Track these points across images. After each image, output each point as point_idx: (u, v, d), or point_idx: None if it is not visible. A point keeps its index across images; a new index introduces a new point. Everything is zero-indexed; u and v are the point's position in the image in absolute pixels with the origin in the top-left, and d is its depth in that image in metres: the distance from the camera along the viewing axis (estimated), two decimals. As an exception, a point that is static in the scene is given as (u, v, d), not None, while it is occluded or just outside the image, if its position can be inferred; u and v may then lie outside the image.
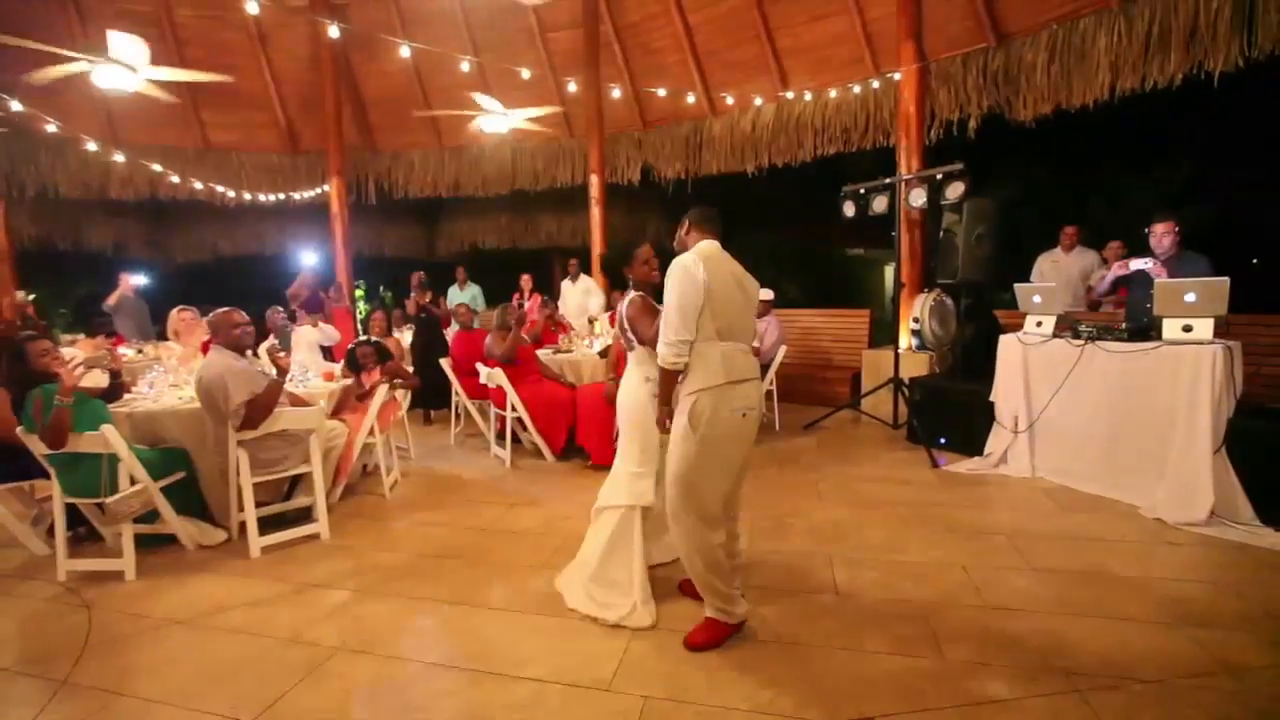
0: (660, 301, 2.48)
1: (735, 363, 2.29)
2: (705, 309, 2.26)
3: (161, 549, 3.39)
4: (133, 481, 3.08)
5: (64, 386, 2.92)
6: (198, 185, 9.00)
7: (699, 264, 2.26)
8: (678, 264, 2.29)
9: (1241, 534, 3.21)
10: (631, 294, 2.75)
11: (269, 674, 2.30)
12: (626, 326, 2.72)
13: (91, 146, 7.76)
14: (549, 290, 8.50)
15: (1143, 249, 4.24)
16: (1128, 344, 3.79)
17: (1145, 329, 3.81)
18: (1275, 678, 2.14)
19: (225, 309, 3.54)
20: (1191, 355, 3.47)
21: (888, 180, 5.65)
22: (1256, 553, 3.05)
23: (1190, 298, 3.57)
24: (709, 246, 2.40)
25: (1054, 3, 6.02)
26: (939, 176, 5.16)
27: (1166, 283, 3.70)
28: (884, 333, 6.53)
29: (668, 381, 2.36)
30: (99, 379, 3.47)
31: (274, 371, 3.46)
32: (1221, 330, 3.55)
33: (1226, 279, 3.48)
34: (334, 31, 5.91)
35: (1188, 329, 3.57)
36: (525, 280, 8.11)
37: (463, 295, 8.37)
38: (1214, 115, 6.98)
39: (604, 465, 4.65)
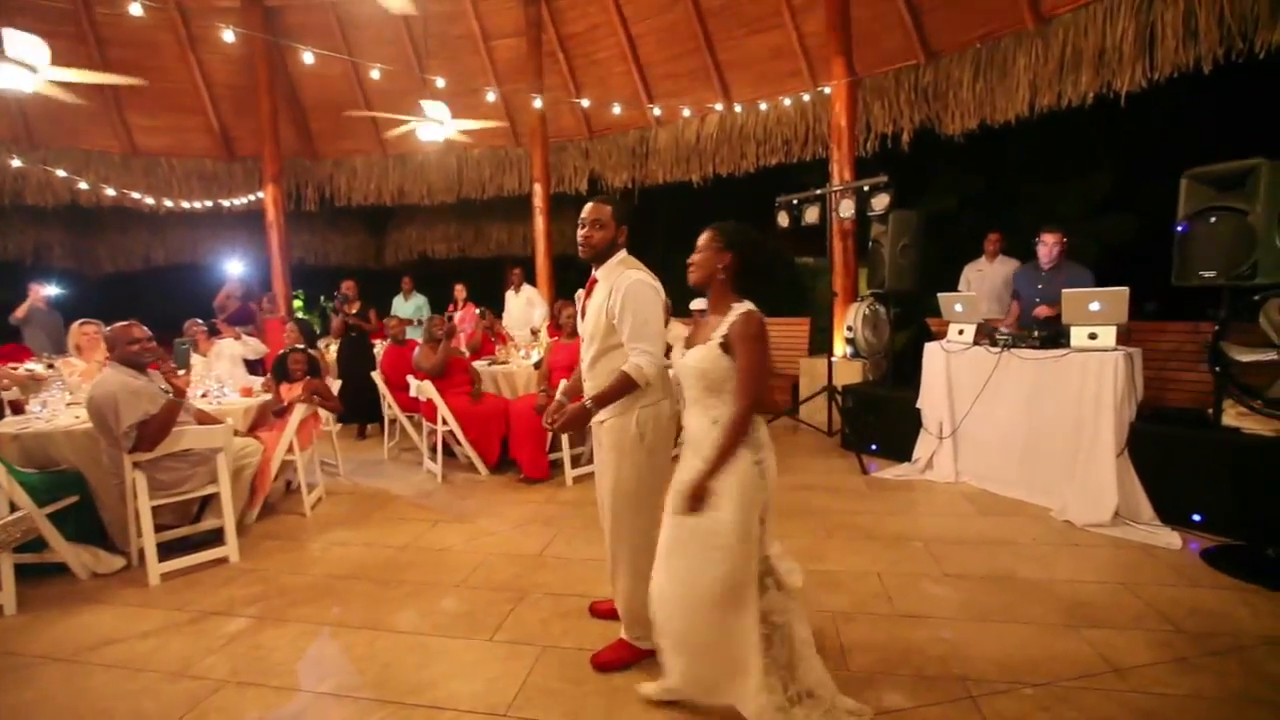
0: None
1: (666, 377, 2.32)
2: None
3: (52, 579, 3.17)
4: (13, 508, 2.88)
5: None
6: (110, 191, 8.55)
7: (658, 284, 2.27)
8: (644, 284, 2.23)
9: (1142, 534, 3.34)
10: (747, 306, 1.97)
11: (145, 713, 2.16)
12: (733, 352, 1.93)
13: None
14: (494, 300, 8.34)
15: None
16: (1039, 351, 3.92)
17: (1057, 336, 3.95)
18: (1158, 675, 2.21)
19: (124, 323, 3.35)
20: (1096, 362, 3.62)
21: (819, 191, 5.76)
22: (1155, 551, 3.17)
23: (1095, 306, 3.71)
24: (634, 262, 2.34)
25: (977, 22, 6.24)
26: (866, 188, 5.28)
27: (1073, 292, 3.84)
28: (824, 340, 6.62)
29: (626, 388, 2.21)
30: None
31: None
32: (1124, 337, 3.71)
33: (1125, 289, 3.64)
34: (228, 36, 5.71)
35: (1093, 336, 3.71)
36: (459, 290, 7.92)
37: (407, 306, 8.15)
38: (1129, 131, 7.35)
39: (537, 478, 4.60)
